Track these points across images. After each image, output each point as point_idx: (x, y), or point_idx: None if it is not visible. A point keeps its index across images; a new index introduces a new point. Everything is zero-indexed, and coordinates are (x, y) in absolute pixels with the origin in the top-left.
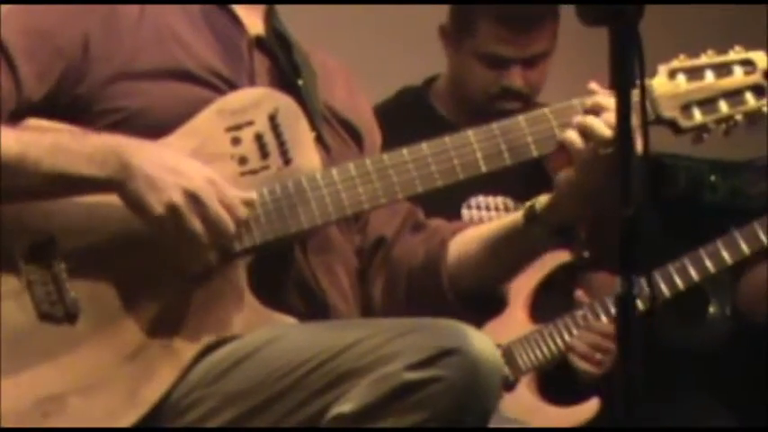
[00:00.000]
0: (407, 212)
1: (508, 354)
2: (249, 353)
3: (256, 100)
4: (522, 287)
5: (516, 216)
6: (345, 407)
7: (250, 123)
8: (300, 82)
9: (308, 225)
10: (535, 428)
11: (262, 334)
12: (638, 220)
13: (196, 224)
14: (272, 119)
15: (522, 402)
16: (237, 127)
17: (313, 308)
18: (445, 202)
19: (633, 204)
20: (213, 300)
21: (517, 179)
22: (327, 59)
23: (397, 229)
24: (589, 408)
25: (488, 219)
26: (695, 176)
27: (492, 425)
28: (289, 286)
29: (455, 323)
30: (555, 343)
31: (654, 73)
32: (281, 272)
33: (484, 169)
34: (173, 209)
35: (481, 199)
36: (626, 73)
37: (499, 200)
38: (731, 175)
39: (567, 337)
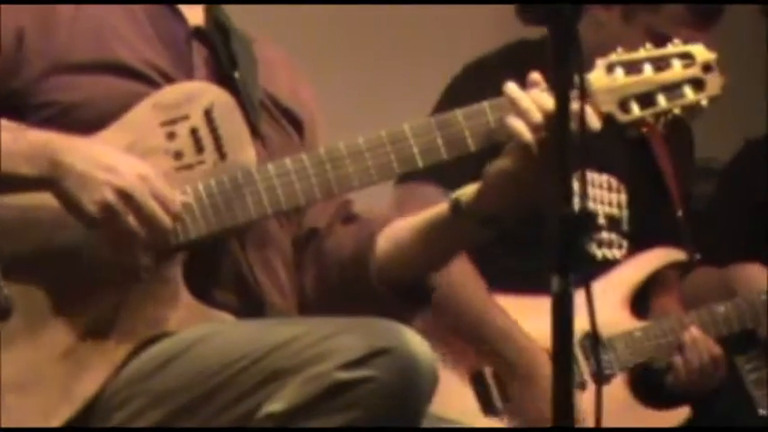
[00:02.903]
0: (341, 204)
1: (610, 347)
2: (180, 351)
3: (192, 94)
4: (626, 280)
5: (443, 207)
6: (276, 406)
7: (185, 118)
8: (237, 74)
9: (243, 220)
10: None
11: (194, 332)
12: (577, 218)
13: (130, 222)
14: (208, 113)
15: (616, 398)
16: (173, 121)
17: (248, 303)
18: None
19: (572, 202)
20: (148, 297)
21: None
22: (271, 48)
23: (330, 221)
24: (679, 414)
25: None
26: None
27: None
28: (224, 281)
29: (389, 323)
30: (657, 343)
31: (592, 67)
32: (217, 267)
33: (420, 164)
34: (106, 207)
35: (590, 173)
36: (563, 72)
37: (605, 178)
38: None
39: (670, 339)
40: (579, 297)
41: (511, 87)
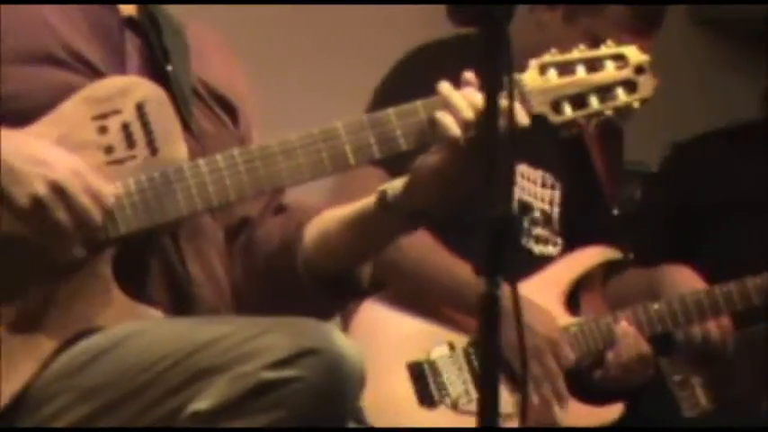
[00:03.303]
0: (272, 194)
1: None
2: (108, 348)
3: (124, 88)
4: (562, 277)
5: (370, 200)
6: (202, 404)
7: (117, 112)
8: (170, 67)
9: (173, 216)
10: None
11: (121, 329)
12: (506, 219)
13: (62, 216)
14: (140, 108)
15: None
16: (104, 116)
17: (178, 297)
18: None
19: (501, 204)
20: (77, 292)
21: (561, 156)
22: (203, 31)
23: (262, 211)
24: (613, 411)
25: (521, 188)
26: None
27: None
28: (154, 276)
29: (315, 322)
30: (594, 339)
31: (525, 68)
32: (147, 261)
33: (353, 162)
34: (37, 201)
35: (524, 168)
36: (494, 72)
37: (539, 173)
38: None
39: (606, 336)
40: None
41: (444, 86)
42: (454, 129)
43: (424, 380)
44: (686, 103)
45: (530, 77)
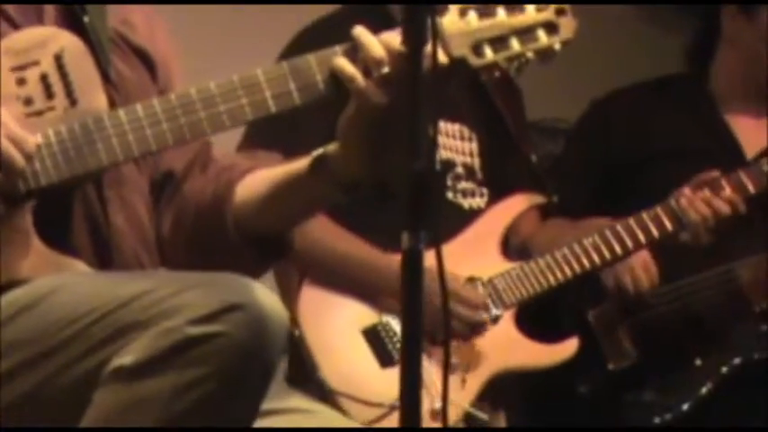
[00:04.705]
0: (200, 148)
1: (493, 288)
2: (29, 303)
3: (42, 39)
4: (495, 227)
5: (303, 164)
6: (126, 359)
7: (35, 63)
8: (87, 19)
9: (94, 166)
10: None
11: (45, 283)
12: (427, 172)
13: None
14: (58, 59)
15: (504, 336)
16: (22, 67)
17: (101, 247)
18: None
19: (422, 157)
20: None
21: (472, 109)
22: None
23: (188, 165)
24: (568, 347)
25: (441, 145)
26: None
27: None
28: (76, 225)
29: (240, 278)
30: (539, 279)
31: (445, 11)
32: (69, 211)
33: (273, 110)
34: None
35: (441, 123)
36: (416, 19)
37: (456, 127)
38: None
39: (549, 275)
40: (449, 248)
41: (358, 29)
42: (359, 79)
43: (380, 341)
44: (607, 59)
45: (449, 21)
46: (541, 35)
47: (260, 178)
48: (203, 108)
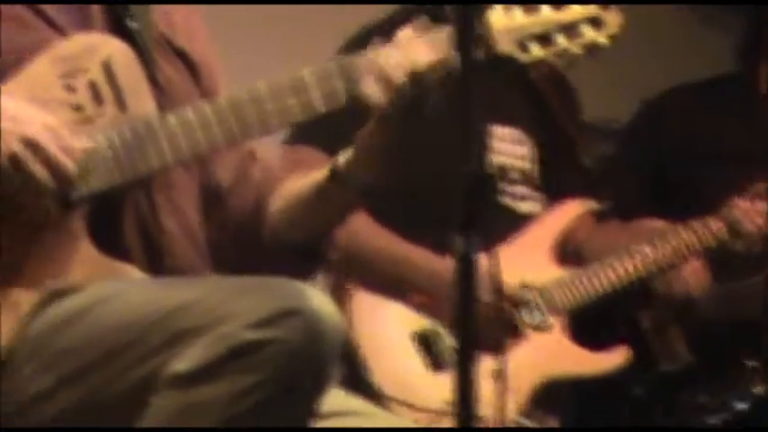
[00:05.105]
0: (243, 159)
1: (546, 295)
2: (85, 309)
3: (90, 46)
4: (548, 231)
5: (324, 173)
6: (181, 365)
7: (84, 70)
8: (133, 24)
9: (145, 171)
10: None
11: (99, 289)
12: (481, 177)
13: (38, 170)
14: (106, 65)
15: (554, 343)
16: (71, 74)
17: (153, 251)
18: None
19: (475, 161)
20: (52, 249)
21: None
22: None
23: (234, 180)
24: (618, 355)
25: (495, 150)
26: None
27: None
28: (128, 230)
29: (295, 282)
30: (591, 286)
31: (489, 7)
32: (121, 216)
33: (322, 109)
34: (13, 158)
35: (494, 127)
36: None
37: (510, 131)
38: None
39: (602, 281)
40: (507, 253)
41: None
42: (376, 96)
43: (429, 346)
44: (658, 59)
45: (494, 17)
46: (587, 30)
47: (288, 190)
48: (253, 109)
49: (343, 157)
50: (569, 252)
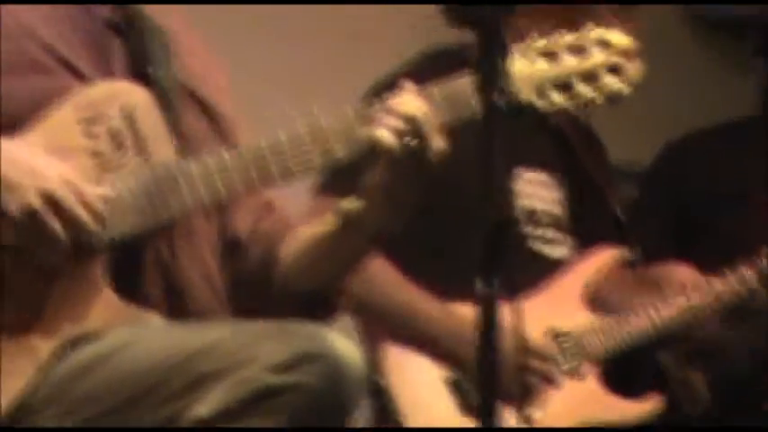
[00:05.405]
0: (260, 209)
1: (577, 342)
2: (106, 354)
3: (111, 94)
4: (580, 278)
5: (335, 220)
6: (202, 409)
7: (105, 118)
8: (154, 70)
9: (165, 218)
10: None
11: (119, 335)
12: (504, 221)
13: (55, 225)
14: (128, 113)
15: (585, 390)
16: (92, 121)
17: (173, 298)
18: None
19: (498, 206)
20: (71, 296)
21: (556, 158)
22: (185, 35)
23: (251, 231)
24: (649, 403)
25: (526, 194)
26: None
27: None
28: (148, 276)
29: (316, 327)
30: (621, 334)
31: (510, 55)
32: (141, 262)
33: (342, 157)
34: (30, 212)
35: (524, 171)
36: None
37: (540, 176)
38: None
39: (636, 329)
40: (535, 299)
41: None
42: (386, 139)
43: (462, 391)
44: (679, 101)
45: (516, 64)
46: (608, 78)
47: (298, 237)
48: (273, 157)
49: (353, 202)
50: (599, 299)
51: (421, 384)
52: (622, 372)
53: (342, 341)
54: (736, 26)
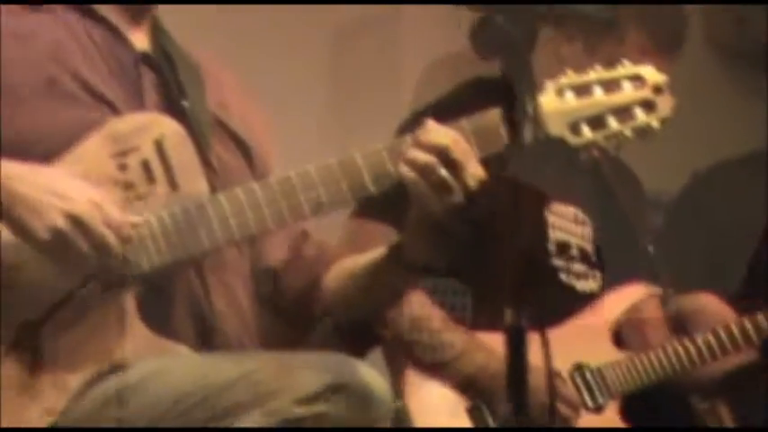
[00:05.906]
0: (295, 239)
1: (601, 377)
2: (133, 384)
3: (143, 125)
4: (609, 313)
5: (381, 252)
6: None
7: (136, 149)
8: (186, 103)
9: (196, 251)
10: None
11: (147, 365)
12: (531, 251)
13: (82, 247)
14: (159, 144)
15: (607, 424)
16: (124, 153)
17: (203, 330)
18: None
19: (524, 236)
20: (100, 327)
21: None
22: (218, 71)
23: (285, 262)
24: None
25: (557, 227)
26: None
27: None
28: (178, 308)
29: (344, 357)
30: (647, 372)
31: (542, 89)
32: (172, 294)
33: (373, 190)
34: (57, 233)
35: (556, 205)
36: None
37: (571, 210)
38: None
39: (660, 365)
40: (561, 332)
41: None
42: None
43: (485, 420)
44: (704, 130)
45: (546, 100)
46: (639, 113)
47: (343, 268)
48: (303, 191)
49: (399, 237)
50: (628, 336)
51: (440, 410)
52: (646, 406)
53: (368, 372)
54: (762, 56)
